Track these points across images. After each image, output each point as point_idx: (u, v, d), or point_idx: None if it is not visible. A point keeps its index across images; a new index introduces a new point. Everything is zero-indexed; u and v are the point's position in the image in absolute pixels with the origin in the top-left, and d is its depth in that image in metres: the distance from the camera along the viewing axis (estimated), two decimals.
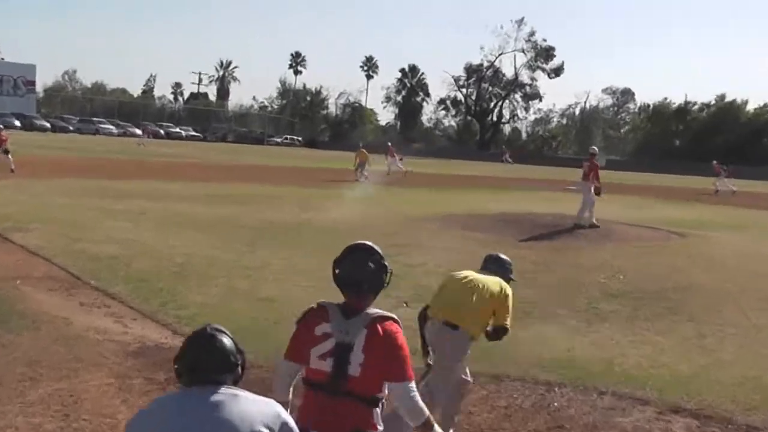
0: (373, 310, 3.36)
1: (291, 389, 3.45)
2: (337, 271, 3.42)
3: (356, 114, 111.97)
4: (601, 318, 8.86)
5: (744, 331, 8.48)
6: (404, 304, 8.15)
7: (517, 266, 11.50)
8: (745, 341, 8.06)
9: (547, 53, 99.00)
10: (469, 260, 12.12)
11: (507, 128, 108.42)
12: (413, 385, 3.32)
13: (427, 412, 3.34)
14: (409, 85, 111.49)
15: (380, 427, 3.33)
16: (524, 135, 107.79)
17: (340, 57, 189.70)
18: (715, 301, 9.91)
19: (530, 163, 72.91)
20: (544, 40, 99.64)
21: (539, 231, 16.00)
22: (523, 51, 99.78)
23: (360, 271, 3.36)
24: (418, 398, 3.32)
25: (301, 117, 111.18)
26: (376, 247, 3.45)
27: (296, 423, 2.91)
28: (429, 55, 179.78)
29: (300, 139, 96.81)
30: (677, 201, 29.81)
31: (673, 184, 46.07)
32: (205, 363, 2.75)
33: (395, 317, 3.37)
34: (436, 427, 3.35)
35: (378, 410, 3.31)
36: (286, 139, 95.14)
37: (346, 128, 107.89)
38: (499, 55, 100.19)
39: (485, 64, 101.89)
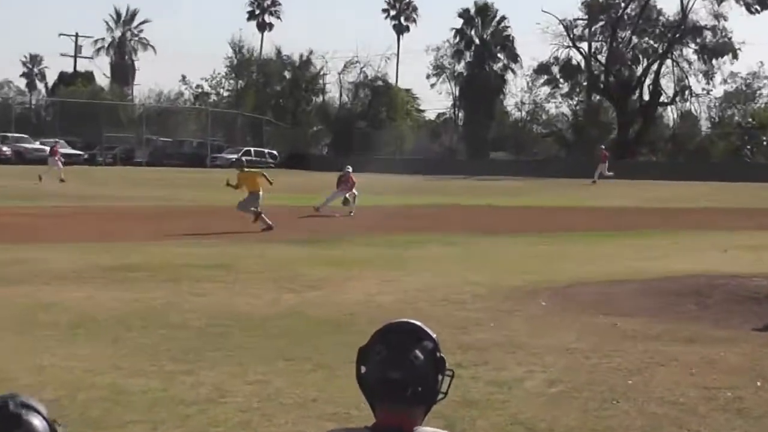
0: (425, 429, 3.66)
1: None
2: (363, 369, 3.71)
3: (379, 100, 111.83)
4: None
5: None
6: None
7: (703, 377, 11.97)
8: None
9: None
10: (613, 368, 12.32)
11: (671, 113, 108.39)
12: None
13: None
14: (477, 40, 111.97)
15: None
16: (705, 125, 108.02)
17: None
18: None
19: (716, 176, 71.73)
20: None
21: (742, 309, 15.99)
22: None
23: (401, 366, 3.61)
24: None
25: (275, 111, 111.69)
26: (426, 329, 3.74)
27: None
28: None
29: (275, 153, 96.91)
30: None
31: None
32: None
33: None
34: None
35: None
36: (248, 154, 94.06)
37: (364, 128, 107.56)
38: None
39: None
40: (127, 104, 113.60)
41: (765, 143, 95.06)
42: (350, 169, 42.86)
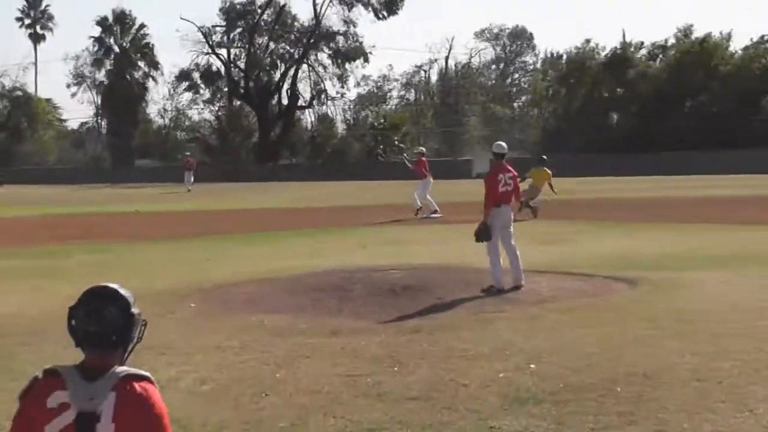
0: (122, 369, 4.59)
1: None
2: (72, 322, 4.60)
3: (20, 111, 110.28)
4: None
5: None
6: None
7: (347, 366, 12.46)
8: None
9: None
10: (262, 363, 12.76)
11: (309, 116, 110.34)
12: None
13: None
14: (117, 48, 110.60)
15: None
16: (341, 127, 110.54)
17: None
18: (700, 392, 10.59)
19: (353, 176, 75.03)
20: None
21: (381, 300, 16.74)
22: None
23: (97, 321, 4.54)
24: None
25: None
26: (121, 291, 4.65)
27: None
28: None
29: None
30: (620, 222, 32.23)
31: (612, 193, 49.59)
32: None
33: (150, 376, 4.61)
34: None
35: None
36: None
37: (3, 140, 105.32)
38: None
39: (259, 1, 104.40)
40: None
41: (396, 143, 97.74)
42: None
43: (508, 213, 18.43)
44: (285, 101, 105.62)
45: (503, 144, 19.53)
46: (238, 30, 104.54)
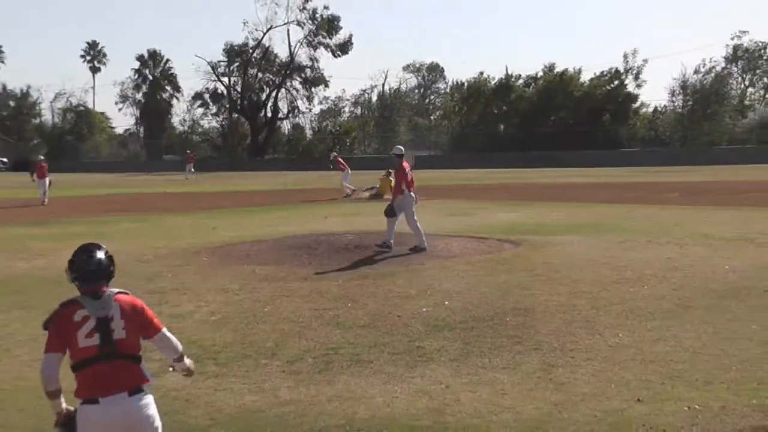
0: (113, 289, 5.25)
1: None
2: (73, 275, 5.20)
3: (82, 121, 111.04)
4: (427, 358, 9.22)
5: (599, 355, 9.21)
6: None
7: (315, 303, 12.28)
8: (601, 367, 8.75)
9: (330, 25, 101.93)
10: (254, 301, 12.41)
11: (286, 125, 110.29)
12: (166, 330, 5.37)
13: (180, 346, 5.44)
14: (151, 77, 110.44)
15: (151, 381, 5.21)
16: (309, 132, 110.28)
17: (53, 44, 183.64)
18: (564, 321, 10.72)
19: (317, 168, 74.44)
20: (326, 8, 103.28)
21: (339, 256, 16.66)
22: (298, 23, 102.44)
23: (95, 263, 5.17)
24: (174, 338, 5.41)
25: (2, 129, 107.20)
26: (101, 245, 5.30)
27: (81, 402, 4.93)
28: (173, 36, 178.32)
29: (4, 160, 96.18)
30: (506, 201, 32.40)
31: (501, 180, 50.09)
32: None
33: (129, 292, 5.31)
34: (186, 358, 5.55)
35: (144, 366, 5.20)
36: None
37: (70, 141, 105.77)
38: (268, 30, 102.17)
39: (251, 43, 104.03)
40: None
41: (348, 144, 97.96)
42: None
43: (412, 197, 17.93)
44: (269, 114, 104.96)
45: (401, 147, 19.38)
46: (236, 64, 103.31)
